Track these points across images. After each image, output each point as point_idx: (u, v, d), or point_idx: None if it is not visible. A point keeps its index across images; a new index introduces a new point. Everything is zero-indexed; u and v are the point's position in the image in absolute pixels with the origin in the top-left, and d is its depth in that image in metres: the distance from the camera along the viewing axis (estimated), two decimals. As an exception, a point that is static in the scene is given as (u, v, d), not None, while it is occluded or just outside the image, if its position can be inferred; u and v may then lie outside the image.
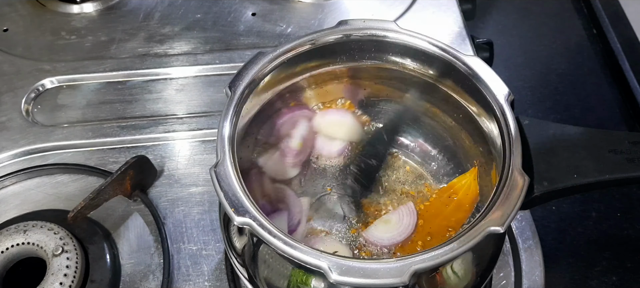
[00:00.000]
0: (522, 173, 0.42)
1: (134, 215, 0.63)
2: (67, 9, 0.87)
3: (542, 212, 0.70)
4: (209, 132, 0.71)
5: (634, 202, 0.73)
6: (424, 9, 0.85)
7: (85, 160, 0.68)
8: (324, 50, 0.53)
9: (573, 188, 0.44)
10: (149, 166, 0.65)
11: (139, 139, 0.70)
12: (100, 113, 0.73)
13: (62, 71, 0.77)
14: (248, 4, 0.88)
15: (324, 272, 0.38)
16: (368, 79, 0.58)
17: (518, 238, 0.62)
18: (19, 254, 0.56)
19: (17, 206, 0.64)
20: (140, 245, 0.61)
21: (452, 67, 0.51)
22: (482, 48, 0.80)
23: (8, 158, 0.68)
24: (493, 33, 0.90)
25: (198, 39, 0.83)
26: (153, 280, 0.59)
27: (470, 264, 0.46)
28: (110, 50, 0.81)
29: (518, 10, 0.99)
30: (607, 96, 0.85)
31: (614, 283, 0.66)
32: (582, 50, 0.92)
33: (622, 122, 0.82)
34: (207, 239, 0.62)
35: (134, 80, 0.77)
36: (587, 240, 0.70)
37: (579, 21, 0.96)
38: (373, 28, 0.52)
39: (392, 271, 0.38)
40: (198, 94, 0.76)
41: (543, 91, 0.87)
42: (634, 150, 0.44)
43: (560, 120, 0.83)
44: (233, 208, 0.41)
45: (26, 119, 0.72)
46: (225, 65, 0.79)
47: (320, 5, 0.88)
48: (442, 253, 0.39)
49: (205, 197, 0.65)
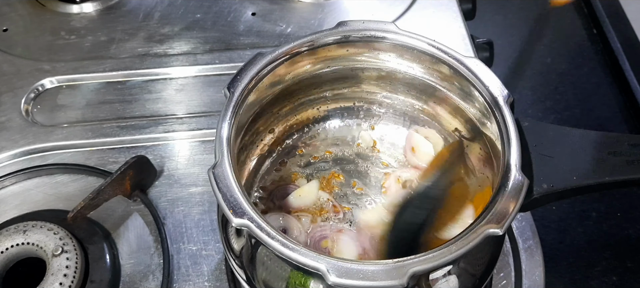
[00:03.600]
0: (521, 175, 0.42)
1: (133, 215, 0.63)
2: (67, 9, 0.87)
3: (542, 212, 0.70)
4: (208, 132, 0.71)
5: (634, 202, 0.73)
6: (424, 9, 0.85)
7: (85, 160, 0.68)
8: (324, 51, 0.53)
9: (573, 190, 0.44)
10: (149, 166, 0.65)
11: (139, 139, 0.70)
12: (100, 113, 0.73)
13: (61, 71, 0.77)
14: (248, 4, 0.88)
15: (322, 274, 0.38)
16: (367, 79, 0.58)
17: (518, 238, 0.62)
18: (18, 254, 0.55)
19: (16, 206, 0.64)
20: (140, 245, 0.61)
21: (451, 68, 0.50)
22: (482, 48, 0.80)
23: (8, 159, 0.68)
24: (493, 33, 0.90)
25: (198, 38, 0.83)
26: (153, 280, 0.59)
27: (469, 265, 0.46)
28: (109, 50, 0.81)
29: (518, 10, 0.99)
30: (607, 96, 0.85)
31: (615, 283, 0.66)
32: (582, 50, 0.92)
33: (623, 122, 0.82)
34: (207, 239, 0.62)
35: (133, 80, 0.77)
36: (588, 240, 0.70)
37: (579, 21, 0.96)
38: (372, 29, 0.52)
39: (390, 273, 0.38)
40: (198, 94, 0.76)
41: (543, 91, 0.87)
42: (633, 152, 0.44)
43: (561, 120, 0.83)
44: (231, 210, 0.41)
45: (26, 119, 0.72)
46: (225, 65, 0.79)
47: (320, 5, 0.87)
48: (440, 255, 0.39)
49: (205, 197, 0.65)
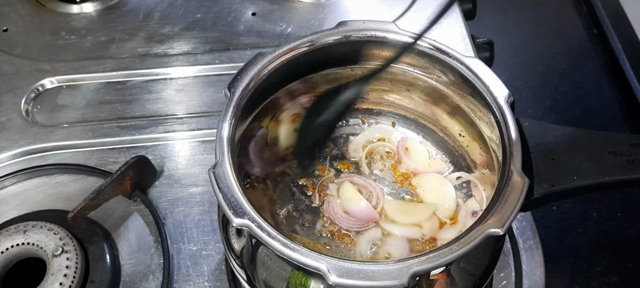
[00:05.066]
0: (522, 175, 0.42)
1: (133, 215, 0.63)
2: (67, 9, 0.87)
3: (542, 212, 0.70)
4: (209, 132, 0.71)
5: (634, 202, 0.73)
6: (424, 9, 0.85)
7: (85, 160, 0.68)
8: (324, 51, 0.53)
9: (573, 190, 0.44)
10: (149, 166, 0.65)
11: (139, 139, 0.70)
12: (100, 113, 0.73)
13: (62, 71, 0.77)
14: (248, 4, 0.88)
15: (323, 274, 0.38)
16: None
17: (519, 238, 0.62)
18: (19, 254, 0.56)
19: (17, 206, 0.64)
20: (140, 245, 0.61)
21: (452, 68, 0.50)
22: (483, 48, 0.80)
23: (8, 159, 0.68)
24: (493, 33, 0.90)
25: (198, 39, 0.83)
26: (153, 280, 0.59)
27: (470, 265, 0.46)
28: (110, 50, 0.81)
29: (518, 10, 0.99)
30: (607, 96, 0.85)
31: (615, 283, 0.66)
32: (582, 50, 0.92)
33: (623, 122, 0.82)
34: (207, 239, 0.62)
35: (133, 80, 0.77)
36: (588, 240, 0.70)
37: (580, 21, 0.96)
38: (372, 29, 0.52)
39: (391, 273, 0.38)
40: (198, 94, 0.76)
41: (543, 91, 0.87)
42: (634, 152, 0.44)
43: (561, 120, 0.83)
44: (232, 210, 0.41)
45: (26, 119, 0.72)
46: (225, 65, 0.79)
47: (320, 5, 0.87)
48: (441, 255, 0.39)
49: (205, 197, 0.65)
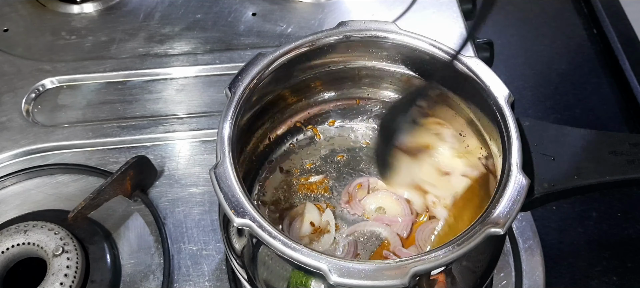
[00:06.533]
0: (522, 174, 0.42)
1: (134, 215, 0.63)
2: (67, 9, 0.87)
3: (542, 212, 0.70)
4: (209, 132, 0.71)
5: (634, 202, 0.73)
6: (424, 9, 0.85)
7: (85, 160, 0.68)
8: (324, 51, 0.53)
9: (573, 190, 0.44)
10: (149, 166, 0.65)
11: (139, 139, 0.70)
12: (101, 113, 0.73)
13: (62, 71, 0.77)
14: (248, 4, 0.88)
15: (324, 273, 0.38)
16: (367, 78, 0.58)
17: (518, 238, 0.62)
18: (19, 254, 0.56)
19: (17, 206, 0.64)
20: (140, 245, 0.61)
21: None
22: (483, 48, 0.80)
23: (8, 159, 0.68)
24: (493, 33, 0.90)
25: (198, 39, 0.83)
26: (153, 280, 0.59)
27: (470, 265, 0.46)
28: (110, 50, 0.81)
29: (518, 10, 0.99)
30: (607, 96, 0.85)
31: (615, 283, 0.66)
32: (582, 50, 0.92)
33: (623, 122, 0.82)
34: (207, 239, 0.62)
35: (134, 80, 0.77)
36: (588, 240, 0.70)
37: (579, 21, 0.96)
38: (373, 29, 0.52)
39: (392, 273, 0.38)
40: (198, 94, 0.76)
41: (543, 91, 0.87)
42: (634, 151, 0.44)
43: (561, 120, 0.83)
44: (233, 210, 0.41)
45: (26, 119, 0.72)
46: (225, 65, 0.79)
47: (321, 5, 0.87)
48: (441, 255, 0.39)
49: (206, 197, 0.65)
